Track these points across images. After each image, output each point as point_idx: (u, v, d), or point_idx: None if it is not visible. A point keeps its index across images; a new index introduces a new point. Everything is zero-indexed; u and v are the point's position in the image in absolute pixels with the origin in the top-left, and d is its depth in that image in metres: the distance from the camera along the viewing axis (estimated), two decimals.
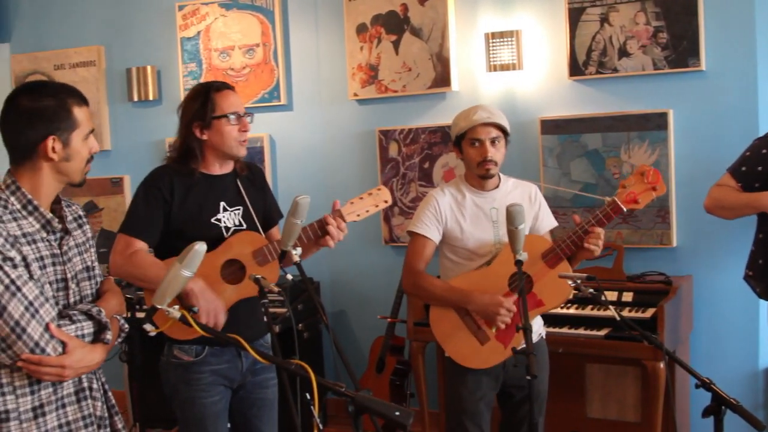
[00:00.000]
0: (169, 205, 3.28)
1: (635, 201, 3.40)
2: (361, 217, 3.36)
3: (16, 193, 2.50)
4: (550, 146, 5.09)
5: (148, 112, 6.33)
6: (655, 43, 4.80)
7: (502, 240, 3.57)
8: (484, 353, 3.56)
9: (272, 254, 3.22)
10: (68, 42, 6.51)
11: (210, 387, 3.29)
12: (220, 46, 6.01)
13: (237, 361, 3.34)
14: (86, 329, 2.49)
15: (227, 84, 3.45)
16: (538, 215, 3.71)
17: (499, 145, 3.57)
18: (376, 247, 5.73)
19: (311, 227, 3.26)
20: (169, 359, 3.34)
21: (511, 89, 5.23)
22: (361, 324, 5.84)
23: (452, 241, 3.64)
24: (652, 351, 4.21)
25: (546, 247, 3.50)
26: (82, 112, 2.56)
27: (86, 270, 2.66)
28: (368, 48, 5.58)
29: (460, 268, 3.65)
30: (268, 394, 3.46)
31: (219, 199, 3.36)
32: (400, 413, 2.10)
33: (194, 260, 2.29)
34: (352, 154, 5.78)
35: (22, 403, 2.43)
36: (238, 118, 3.33)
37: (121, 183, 6.33)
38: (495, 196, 3.64)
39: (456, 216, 3.63)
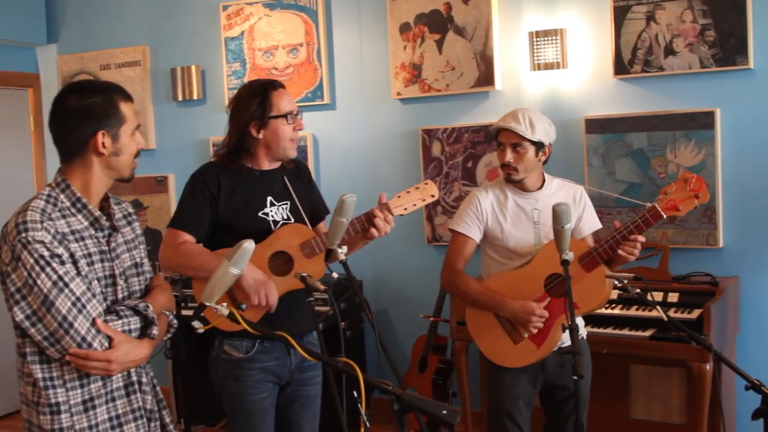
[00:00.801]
0: (216, 199, 3.32)
1: (676, 208, 3.36)
2: (408, 211, 3.37)
3: (65, 191, 2.55)
4: (594, 146, 5.06)
5: (193, 111, 6.39)
6: (702, 41, 4.75)
7: (543, 241, 3.57)
8: (516, 353, 3.57)
9: (320, 246, 3.25)
10: (114, 42, 6.59)
11: (259, 384, 3.32)
12: (264, 45, 6.04)
13: (286, 358, 3.36)
14: (133, 324, 2.54)
15: (281, 82, 3.50)
16: (582, 216, 3.69)
17: (522, 152, 3.55)
18: (419, 246, 5.73)
19: (358, 220, 3.29)
20: (219, 354, 3.37)
21: (556, 88, 5.20)
22: (404, 323, 5.85)
23: (493, 240, 3.65)
24: (698, 352, 4.17)
25: (584, 250, 3.48)
26: (128, 107, 2.62)
27: (135, 266, 2.70)
28: (411, 47, 5.59)
29: (500, 266, 3.66)
30: (312, 391, 3.48)
31: (266, 193, 3.40)
32: (447, 412, 2.10)
33: (243, 258, 2.31)
34: (395, 154, 5.78)
35: (72, 396, 2.49)
36: (293, 118, 3.37)
37: (166, 182, 6.40)
38: (538, 197, 3.64)
39: (497, 216, 3.64)
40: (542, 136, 3.56)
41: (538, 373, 3.63)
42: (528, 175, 3.60)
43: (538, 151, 3.58)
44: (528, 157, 3.56)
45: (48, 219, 2.45)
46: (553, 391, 3.69)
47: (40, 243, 2.39)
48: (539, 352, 3.53)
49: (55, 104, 2.59)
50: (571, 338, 2.89)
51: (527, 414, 3.67)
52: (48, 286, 2.37)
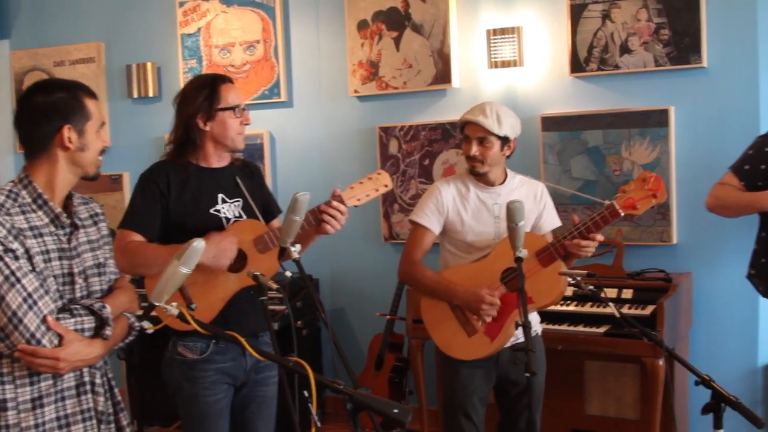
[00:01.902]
0: (166, 198, 3.29)
1: (634, 207, 3.40)
2: (362, 202, 3.36)
3: (27, 187, 2.55)
4: (550, 143, 5.09)
5: (148, 108, 6.33)
6: (656, 40, 4.80)
7: (502, 236, 3.58)
8: (470, 345, 3.58)
9: (273, 241, 3.23)
10: (68, 38, 6.51)
11: (214, 385, 3.28)
12: (221, 42, 6.01)
13: (241, 359, 3.33)
14: (86, 324, 2.51)
15: (230, 77, 3.49)
16: (542, 214, 3.72)
17: (488, 146, 3.58)
18: (375, 244, 5.73)
19: (311, 213, 3.26)
20: (173, 356, 3.34)
21: (512, 86, 5.23)
22: (360, 321, 5.84)
23: (452, 233, 3.67)
24: (651, 348, 4.21)
25: (541, 245, 3.51)
26: (94, 104, 2.64)
27: (97, 266, 2.68)
28: (369, 44, 5.58)
29: (458, 260, 3.67)
30: (267, 392, 3.46)
31: (217, 190, 3.37)
32: (398, 411, 2.10)
33: (193, 257, 2.29)
34: (353, 151, 5.78)
35: (20, 393, 2.46)
36: (241, 111, 3.36)
37: (121, 180, 6.33)
38: (500, 192, 3.66)
39: (458, 208, 3.65)
40: (508, 130, 3.59)
41: (492, 369, 3.65)
42: (492, 169, 3.62)
43: (504, 146, 3.61)
44: (493, 151, 3.58)
45: (5, 214, 2.45)
46: (506, 387, 3.71)
47: None
48: (493, 346, 3.55)
49: (20, 102, 2.63)
50: (524, 335, 2.90)
51: (482, 410, 3.69)
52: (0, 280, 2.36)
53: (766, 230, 4.02)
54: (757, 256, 4.08)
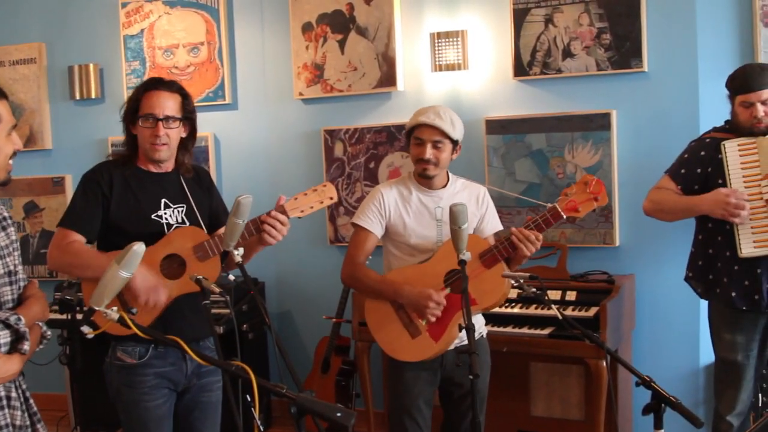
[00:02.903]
0: (107, 199, 3.24)
1: (576, 209, 3.44)
2: (305, 213, 3.33)
3: None
4: (494, 146, 5.12)
5: (91, 110, 6.23)
6: (598, 44, 4.85)
7: (444, 239, 3.59)
8: (414, 347, 3.59)
9: (213, 249, 3.19)
10: (8, 38, 6.37)
11: (154, 390, 3.24)
12: (164, 44, 5.94)
13: (182, 363, 3.29)
14: (2, 339, 2.40)
15: (161, 83, 3.35)
16: (484, 217, 3.73)
17: (442, 149, 3.58)
18: (321, 247, 5.71)
19: (253, 223, 3.22)
20: (113, 361, 3.29)
21: (457, 89, 5.25)
22: (307, 324, 5.82)
23: (395, 236, 3.67)
24: (594, 350, 4.25)
25: (484, 247, 3.53)
26: (3, 106, 2.51)
27: (8, 275, 2.56)
28: (314, 47, 5.56)
29: (401, 262, 3.68)
30: (211, 398, 3.42)
31: (160, 195, 3.32)
32: (341, 414, 2.09)
33: (132, 261, 2.25)
34: (298, 154, 5.75)
35: None
36: (153, 122, 3.26)
37: (63, 183, 6.22)
38: (441, 195, 3.66)
39: (400, 211, 3.65)
40: (459, 134, 3.62)
41: (437, 371, 3.65)
42: (440, 172, 3.63)
43: (453, 149, 3.62)
44: (446, 154, 3.60)
45: None
46: (450, 389, 3.73)
47: None
48: (437, 347, 3.55)
49: None
50: (468, 338, 2.91)
51: (428, 412, 3.69)
52: None
53: (702, 233, 4.08)
54: (694, 259, 4.14)
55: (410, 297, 3.54)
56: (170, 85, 3.35)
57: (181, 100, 3.34)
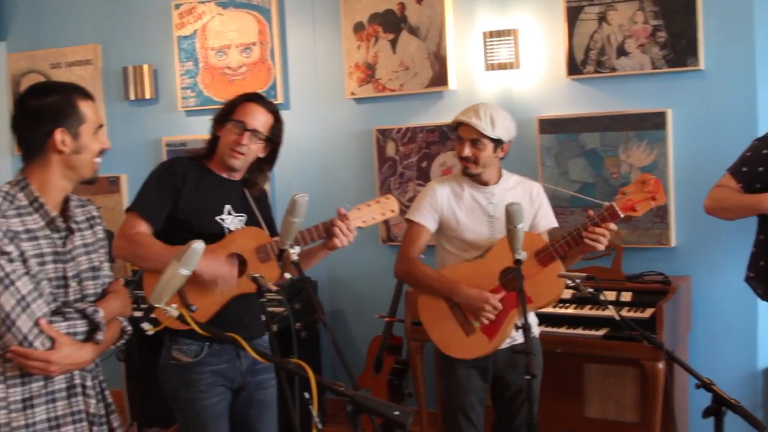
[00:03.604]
0: (178, 192, 3.30)
1: (633, 209, 3.39)
2: (367, 224, 3.37)
3: (24, 189, 2.55)
4: (548, 145, 5.08)
5: (145, 110, 6.31)
6: (653, 42, 4.79)
7: (497, 235, 3.58)
8: (468, 344, 3.59)
9: (275, 251, 3.23)
10: (65, 40, 6.49)
11: (210, 388, 3.28)
12: (217, 44, 5.99)
13: (236, 361, 3.33)
14: (78, 328, 2.52)
15: (264, 101, 3.44)
16: (538, 213, 3.72)
17: (481, 147, 3.58)
18: (374, 246, 5.72)
19: (316, 228, 3.27)
20: (168, 361, 3.33)
21: (509, 88, 5.22)
22: (359, 323, 5.83)
23: (448, 231, 3.68)
24: (651, 351, 4.20)
25: (540, 245, 3.50)
26: (89, 106, 2.62)
27: (92, 270, 2.68)
28: (365, 47, 5.57)
29: (455, 258, 3.68)
30: (267, 395, 3.45)
31: (225, 201, 3.39)
32: (399, 413, 2.09)
33: (192, 259, 2.29)
34: (350, 154, 5.76)
35: (12, 393, 2.48)
36: (242, 130, 3.32)
37: (118, 182, 6.31)
38: (494, 192, 3.66)
39: (453, 207, 3.66)
40: (502, 133, 3.58)
41: (489, 369, 3.64)
42: (485, 170, 3.63)
43: (497, 148, 3.60)
44: (486, 153, 3.59)
45: (1, 216, 2.45)
46: (500, 388, 3.72)
47: None
48: (490, 345, 3.55)
49: (16, 106, 2.62)
50: (524, 337, 2.90)
51: (480, 409, 3.70)
52: None
53: (764, 233, 4.02)
54: (755, 259, 4.08)
55: (467, 297, 3.54)
56: (270, 104, 3.45)
57: (273, 122, 3.42)
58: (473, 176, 3.65)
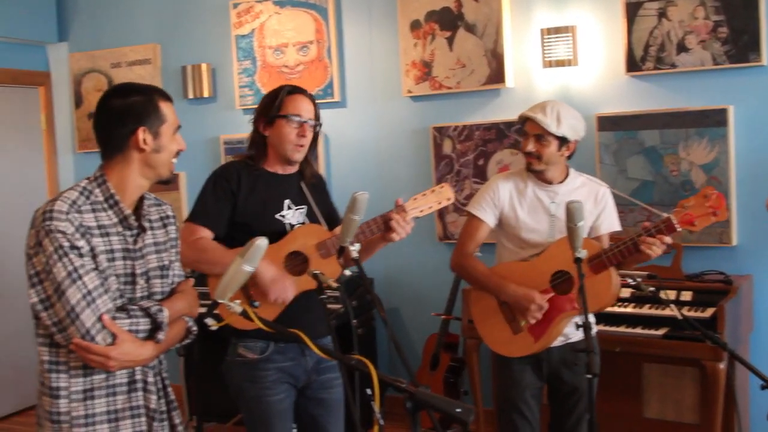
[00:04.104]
0: (235, 197, 3.34)
1: (691, 223, 3.33)
2: (424, 214, 3.38)
3: (101, 185, 2.61)
4: (606, 143, 5.04)
5: (203, 109, 6.39)
6: (714, 38, 4.73)
7: (556, 235, 3.56)
8: (514, 343, 3.60)
9: (335, 247, 3.25)
10: (125, 40, 6.61)
11: (275, 385, 3.32)
12: (275, 43, 6.05)
13: (301, 359, 3.36)
14: (141, 326, 2.56)
15: (304, 91, 3.49)
16: (601, 215, 3.67)
17: (545, 144, 3.56)
18: (430, 244, 5.72)
19: (375, 221, 3.29)
20: (234, 358, 3.38)
21: (567, 85, 5.19)
22: (415, 321, 5.84)
23: (507, 228, 3.68)
24: (712, 351, 4.15)
25: (594, 251, 3.47)
26: (169, 108, 2.68)
27: (161, 269, 2.72)
28: (422, 44, 5.58)
29: (512, 255, 3.68)
30: (333, 395, 3.47)
31: (283, 196, 3.42)
32: (461, 410, 2.09)
33: (256, 255, 2.30)
34: (406, 151, 5.78)
35: (73, 383, 2.54)
36: (299, 123, 3.36)
37: (177, 180, 6.40)
38: (558, 191, 3.64)
39: (514, 203, 3.65)
40: (567, 131, 3.55)
41: (543, 365, 3.63)
42: (549, 168, 3.61)
43: (562, 146, 3.57)
44: (550, 150, 3.56)
45: (76, 211, 2.51)
46: (556, 385, 3.70)
47: (61, 233, 2.45)
48: (536, 346, 3.56)
49: (98, 105, 2.67)
50: (585, 336, 2.89)
51: (536, 406, 3.70)
52: (62, 275, 2.43)
53: None
54: None
55: (514, 296, 3.54)
56: (308, 93, 3.49)
57: (314, 109, 3.47)
58: (536, 173, 3.63)
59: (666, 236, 3.34)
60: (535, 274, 3.55)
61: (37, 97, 6.91)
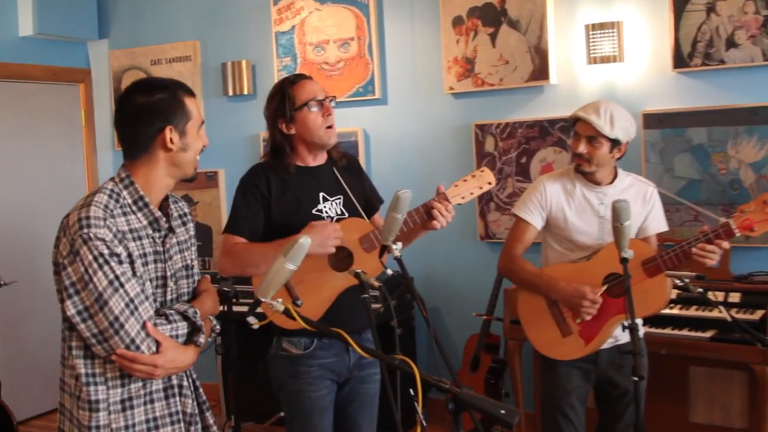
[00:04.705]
0: (267, 200, 3.34)
1: (750, 229, 3.30)
2: (466, 200, 3.36)
3: (129, 187, 2.55)
4: (652, 141, 5.00)
5: (243, 106, 6.43)
6: (765, 33, 4.67)
7: (606, 237, 3.53)
8: (563, 345, 3.57)
9: (379, 240, 3.24)
10: (164, 37, 6.66)
11: (317, 381, 3.33)
12: (315, 40, 6.06)
13: (345, 355, 3.37)
14: (181, 330, 2.54)
15: (302, 75, 3.50)
16: (649, 216, 3.64)
17: (597, 146, 3.52)
18: (471, 243, 5.71)
19: (417, 211, 3.27)
20: (278, 352, 3.39)
21: (612, 82, 5.15)
22: (456, 321, 5.83)
23: (555, 229, 3.65)
24: (761, 354, 4.10)
25: (649, 254, 3.44)
26: (193, 103, 2.63)
27: (185, 268, 2.70)
28: (464, 41, 5.56)
29: (560, 257, 3.66)
30: (370, 389, 3.49)
31: (318, 189, 3.41)
32: (505, 411, 2.08)
33: (299, 254, 2.28)
34: (448, 149, 5.77)
35: (112, 394, 2.50)
36: (319, 104, 3.36)
37: (216, 177, 6.44)
38: (606, 192, 3.60)
39: (562, 204, 3.62)
40: (620, 133, 3.52)
41: (591, 370, 3.60)
42: (599, 169, 3.57)
43: (613, 148, 3.54)
44: (602, 151, 3.53)
45: (110, 216, 2.46)
46: (606, 389, 3.67)
47: (101, 240, 2.40)
48: (586, 349, 3.53)
49: (120, 103, 2.61)
50: (632, 338, 2.86)
51: (581, 410, 3.66)
52: (104, 284, 2.38)
53: None
54: None
55: (565, 293, 3.51)
56: (307, 76, 3.51)
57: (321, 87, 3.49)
58: (586, 174, 3.60)
59: (724, 241, 3.30)
60: (587, 277, 3.52)
61: (78, 94, 6.99)
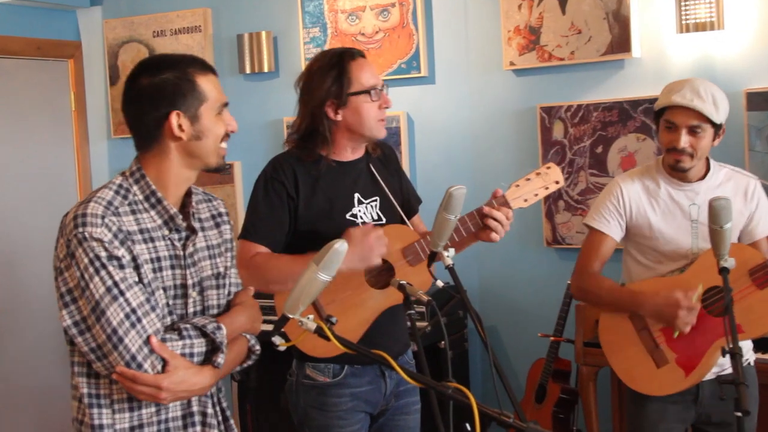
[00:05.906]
0: (294, 201, 3.33)
1: None
2: (529, 203, 3.36)
3: (140, 182, 2.59)
4: (757, 125, 4.96)
5: (263, 86, 6.46)
6: None
7: (701, 245, 3.50)
8: (658, 378, 3.54)
9: (426, 251, 3.23)
10: (169, 4, 6.69)
11: (349, 414, 3.33)
12: (349, 6, 6.07)
13: (380, 382, 3.37)
14: (196, 348, 2.53)
15: (361, 51, 3.50)
16: (754, 216, 3.61)
17: (701, 136, 3.48)
18: (535, 249, 5.70)
19: (471, 217, 3.25)
20: (300, 380, 3.39)
21: (709, 55, 5.11)
22: (516, 342, 5.83)
23: (638, 238, 3.62)
24: None
25: (758, 261, 3.40)
26: (210, 81, 2.64)
27: (215, 277, 2.71)
28: (528, 6, 5.55)
29: (646, 271, 3.63)
30: (409, 421, 3.49)
31: (352, 190, 3.41)
32: None
33: (333, 261, 2.28)
34: (508, 136, 5.76)
35: (118, 419, 2.52)
36: (378, 93, 3.36)
37: (232, 170, 6.47)
38: (698, 190, 3.58)
39: (645, 209, 3.60)
40: (724, 116, 3.50)
41: (690, 406, 3.58)
42: (697, 164, 3.54)
43: (716, 135, 3.52)
44: (705, 142, 3.51)
45: (112, 214, 2.48)
46: (706, 429, 3.64)
47: (97, 241, 2.43)
48: (687, 381, 3.49)
49: (127, 85, 2.65)
50: (733, 365, 2.85)
51: None
52: (101, 291, 2.40)
53: None
54: None
55: (654, 306, 3.49)
56: (363, 53, 3.50)
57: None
58: (684, 171, 3.56)
59: None
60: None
61: (66, 71, 7.02)
